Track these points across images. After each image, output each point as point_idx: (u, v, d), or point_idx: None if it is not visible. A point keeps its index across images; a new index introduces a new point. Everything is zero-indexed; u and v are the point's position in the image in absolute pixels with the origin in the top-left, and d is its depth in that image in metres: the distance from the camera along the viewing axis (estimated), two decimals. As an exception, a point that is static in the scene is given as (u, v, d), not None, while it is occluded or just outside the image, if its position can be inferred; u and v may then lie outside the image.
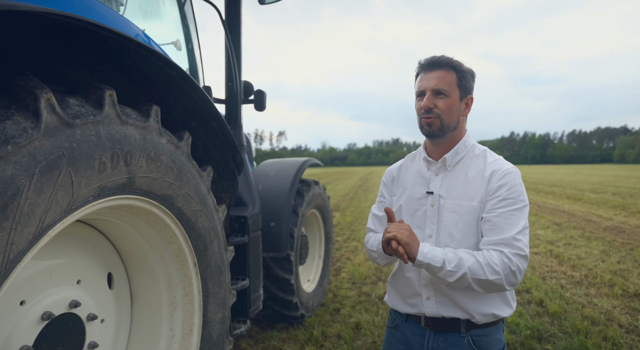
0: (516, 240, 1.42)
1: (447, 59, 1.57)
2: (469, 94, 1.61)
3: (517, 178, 1.51)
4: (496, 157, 1.61)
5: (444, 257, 1.43)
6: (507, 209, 1.46)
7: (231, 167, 2.24)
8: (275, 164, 3.93)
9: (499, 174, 1.51)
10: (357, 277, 5.36)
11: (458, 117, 1.58)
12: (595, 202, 13.10)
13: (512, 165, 1.56)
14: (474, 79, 1.63)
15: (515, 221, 1.44)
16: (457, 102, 1.56)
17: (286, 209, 3.47)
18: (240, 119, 3.16)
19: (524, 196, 1.50)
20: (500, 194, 1.48)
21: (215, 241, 2.04)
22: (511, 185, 1.48)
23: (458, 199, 1.56)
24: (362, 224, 9.63)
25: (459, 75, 1.57)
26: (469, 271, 1.40)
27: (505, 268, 1.39)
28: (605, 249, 6.64)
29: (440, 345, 1.56)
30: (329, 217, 4.56)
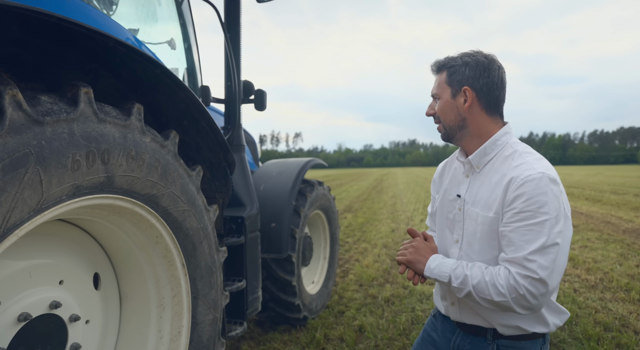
0: (528, 261, 1.25)
1: (439, 61, 1.52)
2: (463, 86, 1.44)
3: (540, 186, 1.28)
4: (525, 160, 1.36)
5: (450, 273, 1.39)
6: (523, 224, 1.28)
7: (223, 167, 2.22)
8: (278, 164, 3.90)
9: (517, 182, 1.31)
10: (365, 279, 5.29)
11: (457, 114, 1.47)
12: (615, 203, 12.74)
13: (540, 170, 1.31)
14: (474, 68, 1.44)
15: (533, 238, 1.26)
16: (449, 100, 1.47)
17: (287, 209, 3.43)
18: (240, 118, 3.14)
19: (546, 208, 1.26)
20: (516, 206, 1.30)
21: (205, 242, 2.01)
22: (530, 195, 1.27)
23: (478, 206, 1.44)
24: (373, 225, 9.55)
25: (449, 72, 1.48)
26: (473, 289, 1.33)
27: (511, 290, 1.27)
28: (623, 252, 6.42)
29: (466, 346, 1.52)
30: (334, 218, 4.51)
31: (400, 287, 4.94)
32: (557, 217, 1.28)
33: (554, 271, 1.27)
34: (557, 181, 1.33)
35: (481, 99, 1.45)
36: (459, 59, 1.47)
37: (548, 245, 1.25)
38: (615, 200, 13.33)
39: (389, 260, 6.28)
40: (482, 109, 1.45)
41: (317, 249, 4.46)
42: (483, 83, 1.43)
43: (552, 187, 1.29)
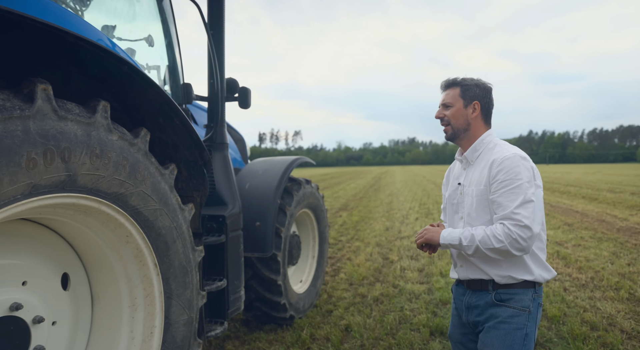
0: (515, 214, 1.68)
1: (453, 79, 1.96)
2: (474, 100, 1.92)
3: (513, 162, 1.75)
4: (502, 148, 1.86)
5: (460, 236, 1.80)
6: (505, 189, 1.74)
7: (200, 165, 2.19)
8: (264, 162, 3.87)
9: (497, 161, 1.79)
10: (355, 277, 5.27)
11: (465, 120, 1.93)
12: (611, 202, 12.73)
13: (514, 152, 1.80)
14: (482, 89, 1.94)
15: (514, 198, 1.70)
16: (462, 109, 1.92)
17: (272, 208, 3.41)
18: (223, 116, 3.11)
19: (520, 175, 1.73)
20: (499, 178, 1.76)
21: (179, 241, 1.99)
22: (508, 169, 1.74)
23: (473, 185, 1.90)
24: (368, 223, 9.53)
25: (463, 89, 1.93)
26: (480, 243, 1.73)
27: (507, 237, 1.67)
28: (616, 250, 6.41)
29: (473, 300, 1.90)
30: (323, 217, 4.48)
31: (390, 286, 4.92)
32: (529, 182, 1.74)
33: (534, 220, 1.68)
34: (527, 158, 1.81)
35: (483, 111, 1.95)
36: (470, 80, 1.94)
37: (526, 201, 1.69)
38: (612, 199, 13.32)
39: (381, 259, 6.26)
40: (482, 118, 1.95)
41: (306, 248, 4.43)
42: (486, 101, 1.95)
43: (523, 162, 1.77)
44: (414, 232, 8.30)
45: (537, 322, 1.82)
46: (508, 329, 1.77)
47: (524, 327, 1.77)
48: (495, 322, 1.80)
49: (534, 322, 1.79)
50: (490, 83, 1.99)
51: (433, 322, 3.74)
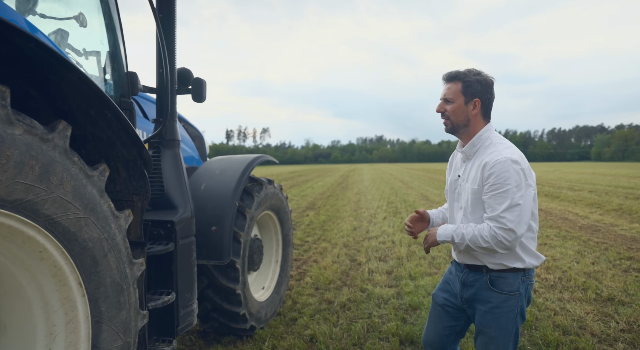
0: (500, 217, 1.81)
1: (456, 72, 1.98)
2: (475, 97, 1.96)
3: (504, 167, 1.82)
4: (496, 149, 1.91)
5: (452, 234, 1.96)
6: (494, 193, 1.84)
7: (139, 165, 1.89)
8: (222, 161, 3.57)
9: (489, 164, 1.86)
10: (322, 282, 5.04)
11: (466, 116, 1.98)
12: (572, 199, 13.05)
13: (506, 156, 1.84)
14: (484, 85, 1.97)
15: (501, 201, 1.81)
16: (462, 105, 1.96)
17: (230, 210, 3.12)
18: (174, 110, 2.79)
19: (509, 180, 1.81)
20: (489, 181, 1.85)
21: (112, 254, 1.68)
22: (498, 173, 1.82)
23: (469, 182, 1.97)
24: (336, 223, 9.33)
25: (464, 85, 1.95)
26: (469, 242, 1.89)
27: (493, 238, 1.81)
28: (580, 249, 6.45)
29: (469, 279, 2.04)
30: (286, 219, 4.22)
31: (357, 291, 4.72)
32: (518, 186, 1.80)
33: (520, 222, 1.79)
34: (518, 161, 1.84)
35: (483, 108, 1.99)
36: (472, 75, 1.95)
37: (512, 205, 1.79)
38: (572, 197, 13.68)
39: (348, 260, 6.06)
40: (481, 115, 1.99)
41: (268, 252, 4.16)
42: (487, 97, 1.99)
43: (513, 166, 1.82)
44: (382, 231, 8.17)
45: (527, 298, 2.01)
46: (501, 312, 1.95)
47: (515, 308, 1.94)
48: (490, 306, 1.97)
49: (524, 300, 1.98)
50: (492, 76, 2.01)
51: (403, 330, 3.55)
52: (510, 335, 1.97)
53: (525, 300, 1.98)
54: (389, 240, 7.36)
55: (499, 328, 1.95)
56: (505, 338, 1.96)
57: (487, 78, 1.98)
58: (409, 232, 2.22)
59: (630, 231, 7.85)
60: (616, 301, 4.16)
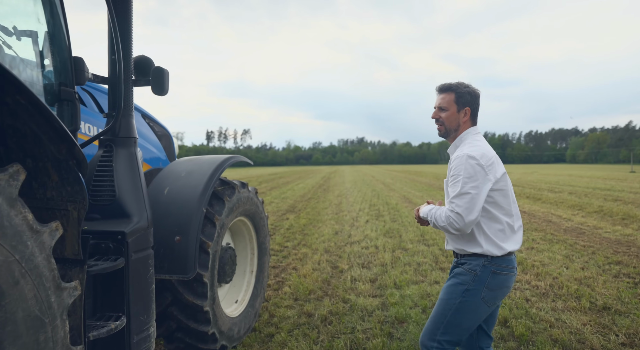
0: (451, 203, 2.05)
1: (449, 85, 2.24)
2: (466, 106, 2.22)
3: (460, 161, 2.06)
4: (462, 148, 2.16)
5: (427, 212, 2.20)
6: (451, 182, 2.10)
7: (71, 166, 1.53)
8: (189, 162, 3.20)
9: (452, 159, 2.16)
10: (301, 291, 4.70)
11: (457, 123, 2.23)
12: (554, 201, 13.02)
13: (465, 152, 2.08)
14: (474, 96, 2.23)
15: (454, 189, 2.05)
16: (455, 113, 2.21)
17: (196, 217, 2.76)
18: (129, 102, 2.42)
19: (462, 172, 2.04)
20: (451, 173, 2.12)
21: (27, 280, 1.31)
22: (455, 166, 2.08)
23: (448, 176, 2.20)
24: (317, 227, 9.00)
25: (457, 95, 2.21)
26: (434, 220, 2.13)
27: (447, 219, 2.04)
28: (567, 253, 6.27)
29: (453, 264, 2.26)
30: (262, 225, 3.87)
31: (340, 301, 4.39)
32: (470, 178, 2.01)
33: (468, 209, 1.99)
34: (475, 157, 2.04)
35: (471, 115, 2.24)
36: (463, 88, 2.21)
37: (462, 193, 2.01)
38: (554, 199, 13.66)
39: (329, 267, 5.73)
40: (470, 121, 2.24)
41: (242, 262, 3.80)
42: (475, 106, 2.24)
43: (469, 161, 2.04)
44: (365, 236, 7.87)
45: (488, 285, 2.09)
46: (454, 282, 2.17)
47: (466, 284, 2.11)
48: (450, 277, 2.23)
49: (480, 283, 2.08)
50: (478, 89, 2.27)
51: (389, 348, 3.24)
52: (452, 305, 2.12)
53: (485, 285, 2.09)
54: (371, 245, 7.07)
55: (446, 293, 2.18)
56: (446, 304, 2.14)
57: (475, 90, 2.25)
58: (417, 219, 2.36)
59: (614, 234, 7.75)
60: (612, 311, 3.93)
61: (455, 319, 2.09)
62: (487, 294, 2.08)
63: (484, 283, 2.07)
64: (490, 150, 2.15)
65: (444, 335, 2.11)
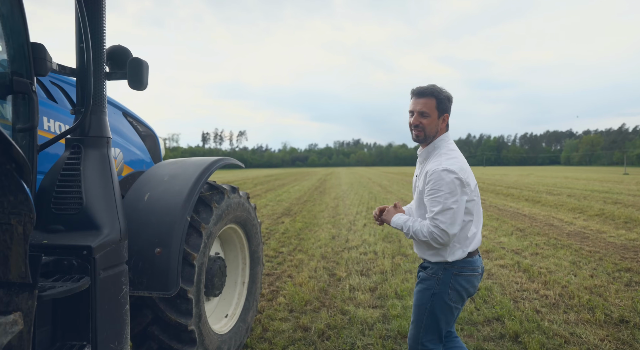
0: (434, 219, 2.09)
1: (431, 88, 2.20)
2: (445, 113, 2.23)
3: (439, 176, 2.08)
4: (439, 159, 2.16)
5: (402, 224, 2.25)
6: (431, 197, 2.12)
7: (9, 171, 1.24)
8: (173, 164, 2.91)
9: (429, 173, 2.14)
10: (297, 302, 4.42)
11: (436, 129, 2.23)
12: (553, 204, 12.81)
13: (443, 166, 2.09)
14: (451, 101, 2.24)
15: (436, 205, 2.08)
16: (436, 119, 2.21)
17: (179, 226, 2.47)
18: (101, 98, 2.13)
19: (442, 188, 2.06)
20: (428, 186, 2.13)
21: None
22: (434, 181, 2.09)
23: (420, 182, 2.25)
24: (312, 231, 8.71)
25: (438, 101, 2.20)
26: (413, 234, 2.20)
27: (430, 235, 2.11)
28: (574, 259, 6.03)
29: (419, 269, 2.38)
30: (255, 233, 3.59)
31: (338, 313, 4.11)
32: (451, 193, 2.07)
33: (452, 224, 2.07)
34: (455, 171, 2.08)
35: (447, 121, 2.27)
36: (443, 94, 2.21)
37: (445, 209, 2.07)
38: (553, 201, 13.45)
39: (326, 275, 5.45)
40: (446, 126, 2.28)
41: (233, 273, 3.52)
42: (450, 112, 2.27)
43: (447, 175, 2.08)
44: (363, 241, 7.60)
45: (452, 287, 2.17)
46: (421, 288, 2.27)
47: (432, 288, 2.20)
48: (417, 282, 2.33)
49: (445, 286, 2.17)
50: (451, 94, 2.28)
51: (393, 368, 2.96)
52: (425, 309, 2.23)
53: (450, 287, 2.17)
54: (370, 250, 6.79)
55: (417, 299, 2.29)
56: (419, 309, 2.26)
57: (450, 95, 2.25)
58: (375, 218, 2.44)
59: (619, 238, 7.52)
60: (631, 325, 3.68)
61: (431, 321, 2.22)
62: (453, 296, 2.18)
63: (448, 285, 2.17)
64: (463, 159, 2.21)
65: (425, 337, 2.25)
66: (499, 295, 4.51)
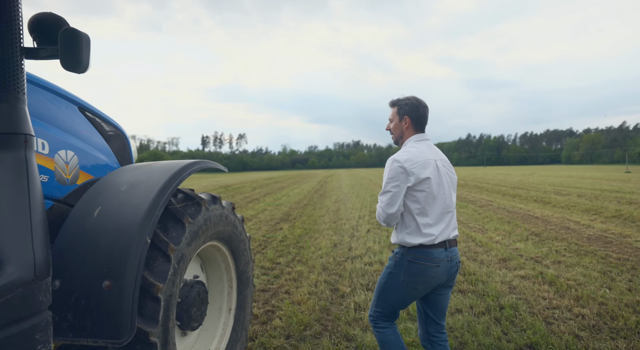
0: (379, 199, 2.41)
1: (395, 100, 2.59)
2: (405, 115, 2.52)
3: (388, 165, 2.41)
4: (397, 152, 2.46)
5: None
6: (383, 181, 2.41)
7: None
8: (137, 170, 2.34)
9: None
10: (295, 324, 3.83)
11: (401, 131, 2.55)
12: (565, 205, 12.22)
13: (393, 157, 2.41)
14: (411, 106, 2.52)
15: (382, 187, 2.39)
16: (398, 123, 2.55)
17: (136, 250, 1.89)
18: (15, 82, 1.56)
19: (387, 174, 2.38)
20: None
21: None
22: (385, 168, 2.43)
23: None
24: (313, 238, 8.13)
25: (398, 107, 2.56)
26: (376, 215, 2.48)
27: (376, 213, 2.44)
28: (603, 268, 5.44)
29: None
30: (242, 250, 3.01)
31: (342, 340, 3.53)
32: (391, 178, 2.35)
33: (388, 204, 2.34)
34: (398, 160, 2.36)
35: (413, 122, 2.53)
36: (404, 101, 2.55)
37: (384, 191, 2.37)
38: (564, 202, 12.86)
39: (328, 291, 4.86)
40: (412, 128, 2.54)
41: (217, 298, 2.94)
42: (415, 114, 2.52)
43: (392, 163, 2.37)
44: (367, 248, 7.01)
45: (405, 271, 2.37)
46: (385, 266, 2.53)
47: (390, 268, 2.47)
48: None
49: (399, 268, 2.39)
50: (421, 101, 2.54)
51: None
52: (381, 284, 2.50)
53: (403, 271, 2.37)
54: (375, 260, 6.20)
55: (380, 275, 2.58)
56: (378, 283, 2.54)
57: (414, 102, 2.51)
58: None
59: (645, 242, 6.93)
60: (694, 354, 3.09)
61: (383, 295, 2.48)
62: (405, 279, 2.37)
63: (402, 268, 2.38)
64: (421, 155, 2.38)
65: (377, 308, 2.52)
66: (527, 315, 3.92)
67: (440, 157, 2.47)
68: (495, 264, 5.87)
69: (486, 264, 5.84)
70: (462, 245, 7.18)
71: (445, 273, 2.35)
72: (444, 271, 2.34)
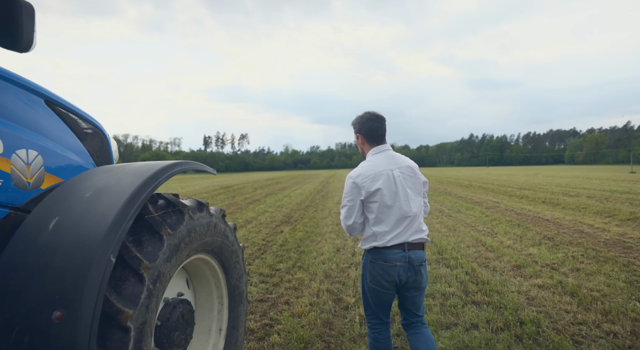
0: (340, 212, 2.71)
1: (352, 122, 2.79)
2: (357, 133, 2.74)
3: (346, 180, 2.60)
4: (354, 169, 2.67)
5: None
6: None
7: None
8: (107, 172, 1.99)
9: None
10: (294, 341, 3.48)
11: (360, 148, 2.78)
12: (575, 207, 11.83)
13: (349, 174, 2.61)
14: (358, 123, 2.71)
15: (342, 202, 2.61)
16: (357, 141, 2.79)
17: (96, 272, 1.54)
18: None
19: (345, 188, 2.58)
20: None
21: None
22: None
23: None
24: (315, 242, 7.77)
25: (352, 127, 2.77)
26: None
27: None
28: (627, 277, 5.06)
29: None
30: (234, 262, 2.65)
31: (347, 361, 3.17)
32: (347, 193, 2.57)
33: (345, 217, 2.57)
34: (351, 176, 2.57)
35: (365, 138, 2.69)
36: (354, 120, 2.75)
37: (342, 205, 2.60)
38: (573, 204, 12.46)
39: (331, 301, 4.50)
40: (367, 143, 2.69)
41: (205, 317, 2.59)
42: (364, 130, 2.68)
43: (347, 179, 2.58)
44: (372, 254, 6.64)
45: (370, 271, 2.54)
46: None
47: (361, 271, 2.72)
48: None
49: (365, 269, 2.59)
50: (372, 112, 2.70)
51: None
52: (360, 287, 2.84)
53: (368, 271, 2.56)
54: (381, 266, 5.84)
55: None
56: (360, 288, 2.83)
57: (362, 118, 2.69)
58: None
59: (666, 248, 6.54)
60: None
61: (363, 298, 2.66)
62: (371, 279, 2.53)
63: (367, 269, 2.57)
64: (373, 168, 2.53)
65: (364, 310, 2.70)
66: (551, 332, 3.55)
67: (400, 164, 2.57)
68: (509, 271, 5.50)
69: (499, 272, 5.48)
70: (472, 250, 6.81)
71: (404, 273, 2.47)
72: (403, 271, 2.46)
